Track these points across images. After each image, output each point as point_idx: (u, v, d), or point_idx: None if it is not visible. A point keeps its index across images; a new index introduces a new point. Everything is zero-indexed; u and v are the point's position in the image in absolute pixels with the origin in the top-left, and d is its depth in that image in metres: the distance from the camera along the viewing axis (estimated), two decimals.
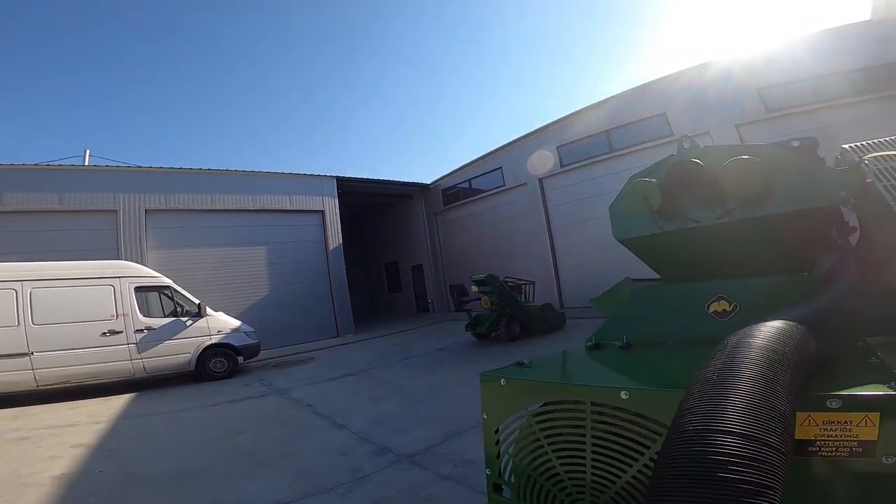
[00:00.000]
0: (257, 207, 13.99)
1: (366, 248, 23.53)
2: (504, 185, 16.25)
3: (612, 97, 12.76)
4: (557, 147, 14.22)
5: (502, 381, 1.68)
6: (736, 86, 10.37)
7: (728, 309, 2.04)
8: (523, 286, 10.86)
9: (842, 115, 9.06)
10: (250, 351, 9.43)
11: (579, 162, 13.74)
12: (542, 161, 14.39)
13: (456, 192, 18.57)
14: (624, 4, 52.76)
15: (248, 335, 9.43)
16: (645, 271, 2.81)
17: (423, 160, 68.98)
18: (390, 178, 18.44)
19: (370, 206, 21.17)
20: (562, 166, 14.24)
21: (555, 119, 14.36)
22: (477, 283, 9.76)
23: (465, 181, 18.04)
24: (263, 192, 14.15)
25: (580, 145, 13.78)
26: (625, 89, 12.52)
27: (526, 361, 1.83)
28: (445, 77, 69.11)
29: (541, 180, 14.83)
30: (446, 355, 9.29)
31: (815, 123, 8.95)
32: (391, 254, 21.93)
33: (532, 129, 15.07)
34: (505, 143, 16.03)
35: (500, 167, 16.33)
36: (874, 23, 9.88)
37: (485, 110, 71.97)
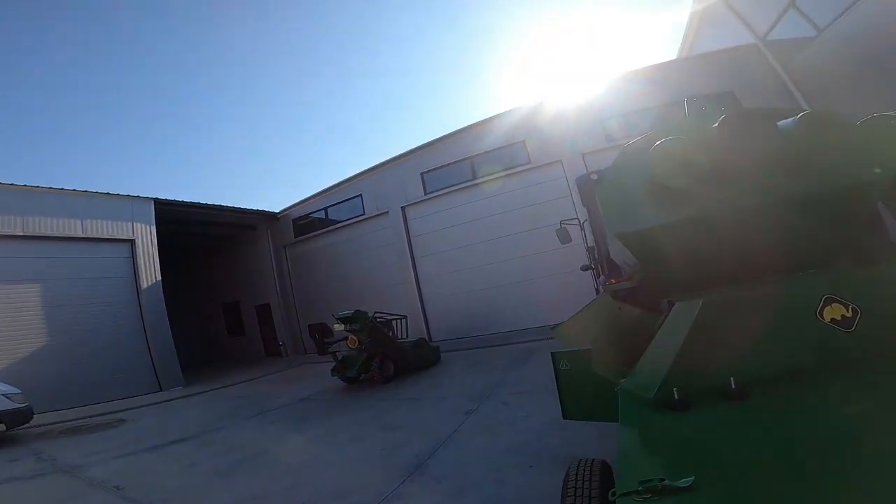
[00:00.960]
0: (27, 233, 10.33)
1: (198, 287, 19.66)
2: (364, 213, 15.26)
3: (475, 124, 13.10)
4: (422, 173, 13.96)
5: None
6: (582, 118, 11.55)
7: (847, 314, 1.51)
8: (394, 321, 9.95)
9: None
10: (16, 417, 7.33)
11: (443, 189, 13.65)
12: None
13: (310, 221, 16.81)
14: (480, 47, 59.07)
15: (8, 398, 7.31)
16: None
17: (274, 190, 63.56)
18: (228, 204, 15.83)
19: (204, 237, 17.94)
20: (425, 194, 13.96)
21: (419, 145, 14.14)
22: (342, 320, 8.70)
23: (321, 210, 16.49)
24: (39, 213, 10.57)
25: (443, 172, 13.73)
26: (486, 117, 12.97)
27: (682, 483, 0.93)
28: (303, 104, 66.15)
29: (403, 208, 14.30)
30: (313, 405, 7.66)
31: None
32: (232, 292, 18.63)
33: (395, 155, 14.58)
34: (365, 168, 15.18)
35: (360, 194, 15.34)
36: (681, 61, 12.35)
37: (342, 139, 70.65)
